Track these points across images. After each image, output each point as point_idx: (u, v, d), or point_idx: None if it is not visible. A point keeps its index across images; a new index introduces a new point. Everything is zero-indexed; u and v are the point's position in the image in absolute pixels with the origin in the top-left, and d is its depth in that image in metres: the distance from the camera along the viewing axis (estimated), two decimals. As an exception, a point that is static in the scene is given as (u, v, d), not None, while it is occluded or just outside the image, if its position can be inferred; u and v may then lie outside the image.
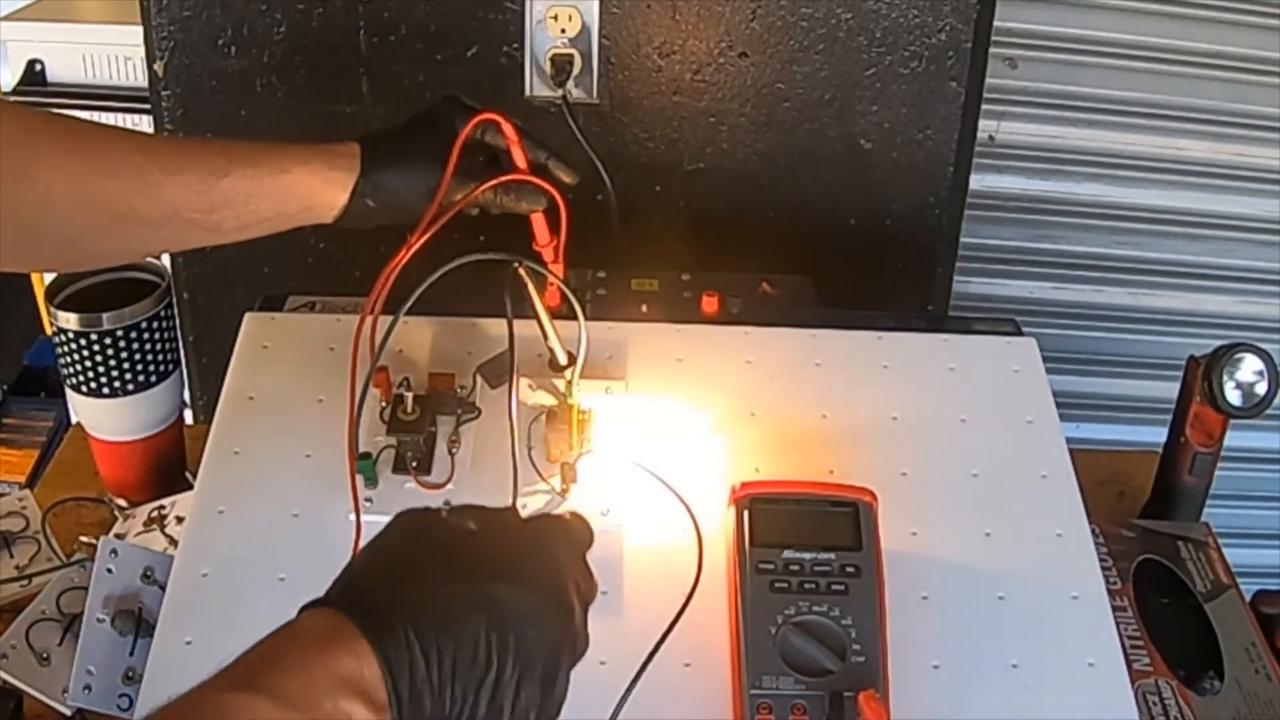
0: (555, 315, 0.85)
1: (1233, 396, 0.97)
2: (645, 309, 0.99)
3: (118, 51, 1.53)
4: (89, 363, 0.99)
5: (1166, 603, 0.95)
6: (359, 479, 0.82)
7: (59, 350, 1.00)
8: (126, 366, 1.00)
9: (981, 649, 0.78)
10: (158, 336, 1.01)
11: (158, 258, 1.06)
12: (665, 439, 0.88)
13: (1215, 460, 1.02)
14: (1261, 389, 0.97)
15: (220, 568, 0.81)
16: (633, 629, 0.76)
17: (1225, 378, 0.97)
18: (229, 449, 0.87)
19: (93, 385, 1.00)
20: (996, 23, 1.25)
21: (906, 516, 0.83)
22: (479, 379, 0.91)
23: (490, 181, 0.86)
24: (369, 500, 0.83)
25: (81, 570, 0.92)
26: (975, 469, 0.88)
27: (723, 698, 0.75)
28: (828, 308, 1.04)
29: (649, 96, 1.23)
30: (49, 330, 1.22)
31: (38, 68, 1.54)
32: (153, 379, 1.01)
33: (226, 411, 0.89)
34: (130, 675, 0.84)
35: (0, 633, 0.88)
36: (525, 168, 0.87)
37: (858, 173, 1.26)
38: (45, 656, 0.87)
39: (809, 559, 0.76)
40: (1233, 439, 1.03)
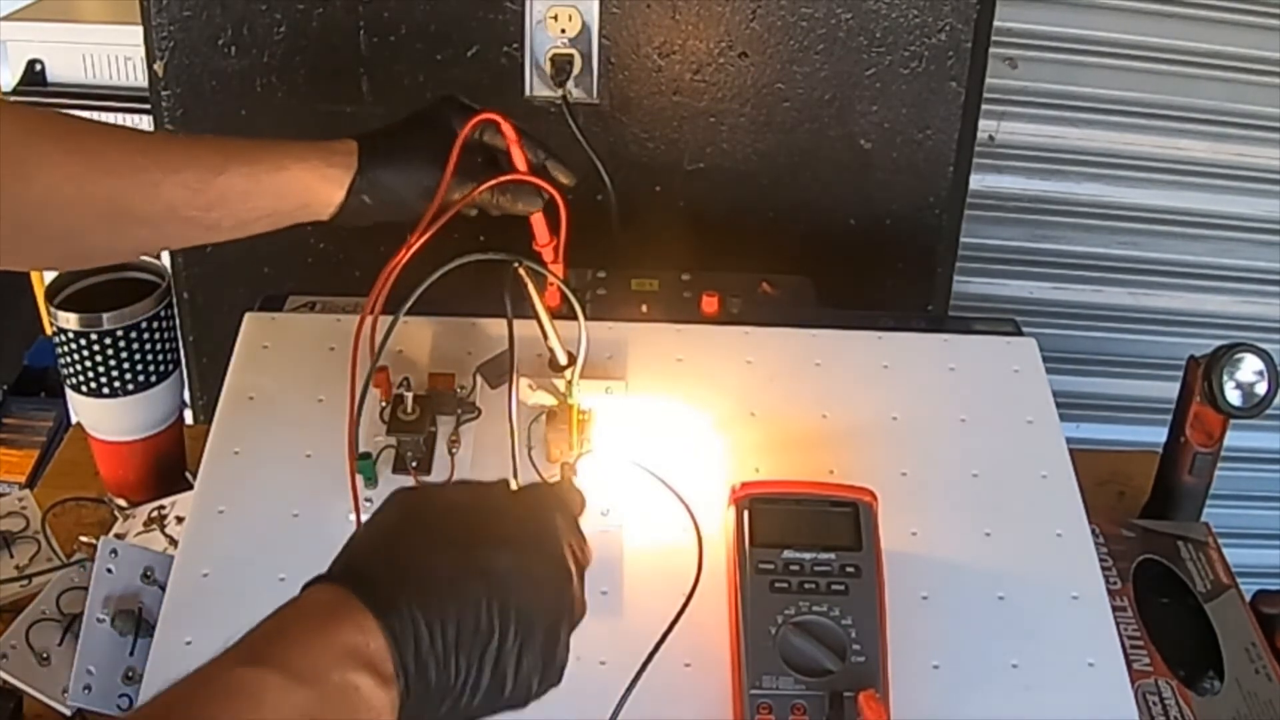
0: (555, 315, 0.85)
1: (1233, 396, 0.97)
2: (645, 309, 0.99)
3: (118, 51, 1.53)
4: (89, 363, 0.99)
5: (1166, 603, 0.95)
6: (359, 479, 0.82)
7: (59, 350, 1.00)
8: (126, 366, 1.00)
9: (981, 649, 0.78)
10: (158, 336, 1.01)
11: (157, 257, 1.06)
12: (665, 439, 0.88)
13: (1215, 460, 1.02)
14: (1261, 389, 0.97)
15: (220, 568, 0.81)
16: (633, 629, 0.76)
17: (1225, 378, 0.97)
18: (229, 449, 0.87)
19: (93, 385, 1.00)
20: (996, 23, 1.25)
21: (906, 516, 0.83)
22: (479, 379, 0.90)
23: (490, 181, 0.86)
24: (369, 500, 0.83)
25: (81, 570, 0.92)
26: (975, 469, 0.88)
27: (723, 698, 0.75)
28: (828, 308, 1.04)
29: (649, 96, 1.23)
30: (49, 330, 1.22)
31: (38, 68, 1.54)
32: (153, 379, 1.01)
33: (226, 411, 0.89)
34: (130, 675, 0.84)
35: (0, 633, 0.88)
36: (525, 169, 0.87)
37: (858, 173, 1.26)
38: (45, 656, 0.87)
39: (809, 559, 0.76)
40: (1233, 439, 1.03)
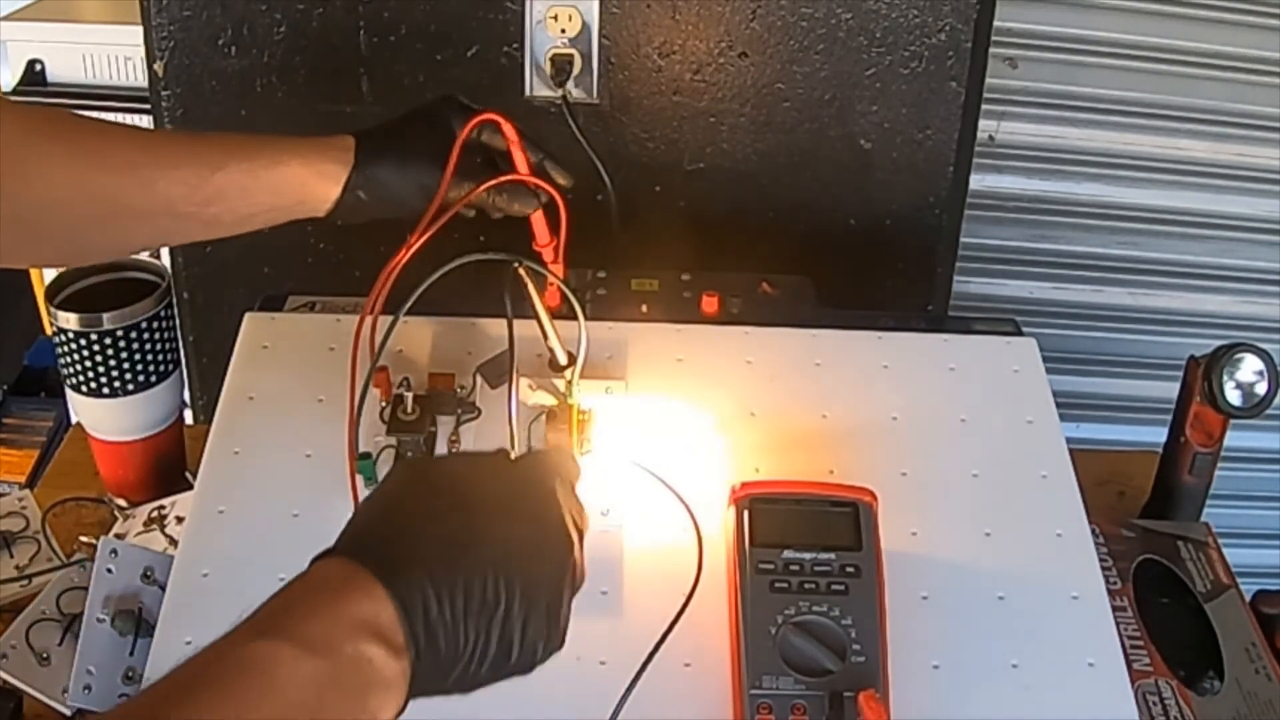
0: (555, 315, 0.85)
1: (1233, 396, 0.97)
2: (645, 309, 0.99)
3: (118, 51, 1.53)
4: (89, 363, 0.99)
5: (1166, 603, 0.95)
6: (359, 479, 0.82)
7: (59, 350, 1.00)
8: (126, 366, 1.00)
9: (981, 649, 0.78)
10: (158, 336, 1.01)
11: (157, 255, 1.06)
12: (665, 439, 0.88)
13: (1215, 460, 1.02)
14: (1261, 389, 0.97)
15: (220, 568, 0.81)
16: (633, 629, 0.76)
17: (1225, 378, 0.97)
18: (229, 449, 0.87)
19: (93, 385, 1.00)
20: (996, 23, 1.25)
21: (906, 516, 0.83)
22: (479, 379, 0.90)
23: (490, 182, 0.86)
24: (369, 500, 0.82)
25: (81, 570, 0.92)
26: (975, 469, 0.88)
27: (723, 698, 0.75)
28: (828, 308, 1.04)
29: (649, 96, 1.23)
30: (49, 330, 1.22)
31: (38, 68, 1.54)
32: (153, 379, 1.01)
33: (226, 411, 0.89)
34: (130, 675, 0.84)
35: (0, 633, 0.88)
36: (527, 170, 0.87)
37: (858, 173, 1.26)
38: (45, 656, 0.87)
39: (809, 559, 0.76)
40: (1233, 439, 1.02)
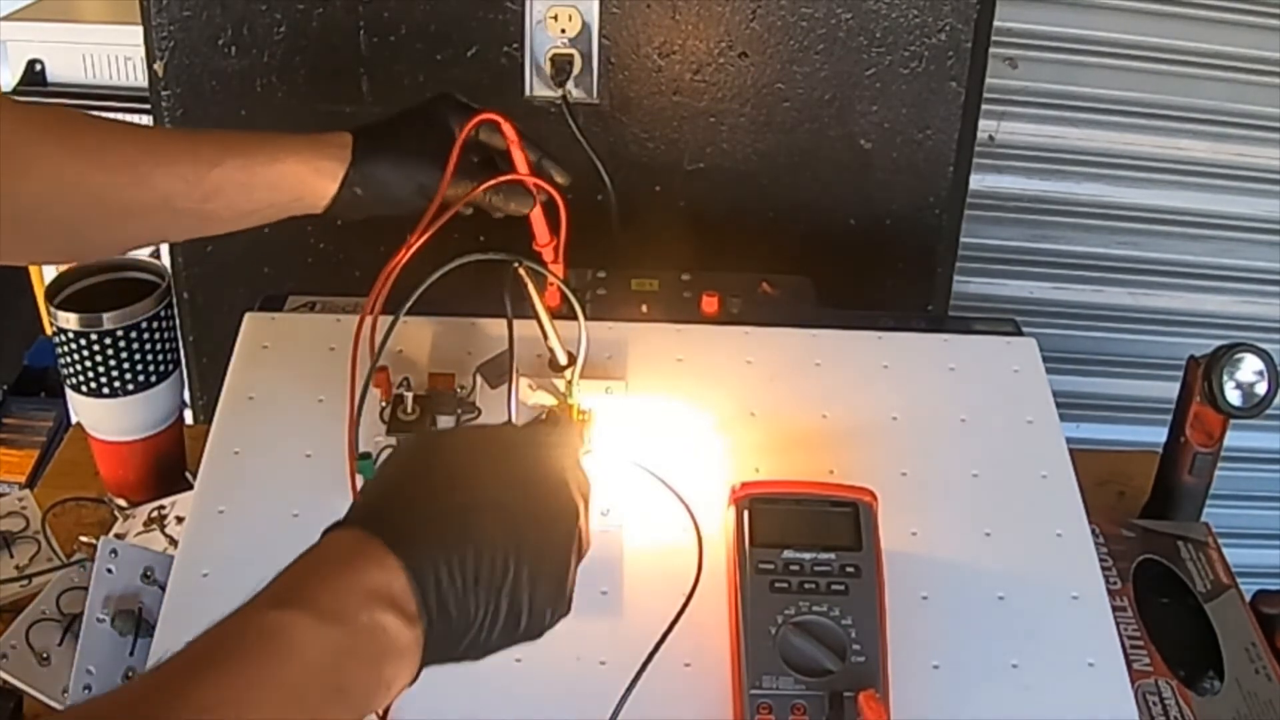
0: (555, 315, 0.85)
1: (1233, 396, 0.97)
2: (645, 309, 0.99)
3: (118, 51, 1.53)
4: (89, 363, 0.99)
5: (1166, 603, 0.95)
6: (359, 479, 0.82)
7: (59, 350, 1.00)
8: (126, 366, 1.00)
9: (981, 649, 0.78)
10: (158, 336, 1.01)
11: (156, 255, 1.06)
12: (665, 439, 0.88)
13: (1215, 460, 1.02)
14: (1261, 389, 0.97)
15: (220, 568, 0.81)
16: (633, 629, 0.76)
17: (1225, 378, 0.97)
18: (229, 449, 0.87)
19: (93, 385, 1.00)
20: (996, 23, 1.25)
21: (906, 516, 0.83)
22: (479, 379, 0.90)
23: (490, 182, 0.86)
24: (369, 500, 0.82)
25: (81, 570, 0.92)
26: (975, 469, 0.88)
27: (723, 698, 0.75)
28: (828, 308, 1.04)
29: (649, 96, 1.23)
30: (49, 330, 1.22)
31: (38, 68, 1.54)
32: (153, 379, 1.01)
33: (226, 411, 0.89)
34: (130, 675, 0.84)
35: (0, 633, 0.88)
36: (526, 170, 0.87)
37: (858, 173, 1.26)
38: (45, 656, 0.87)
39: (809, 559, 0.76)
40: (1233, 439, 1.02)
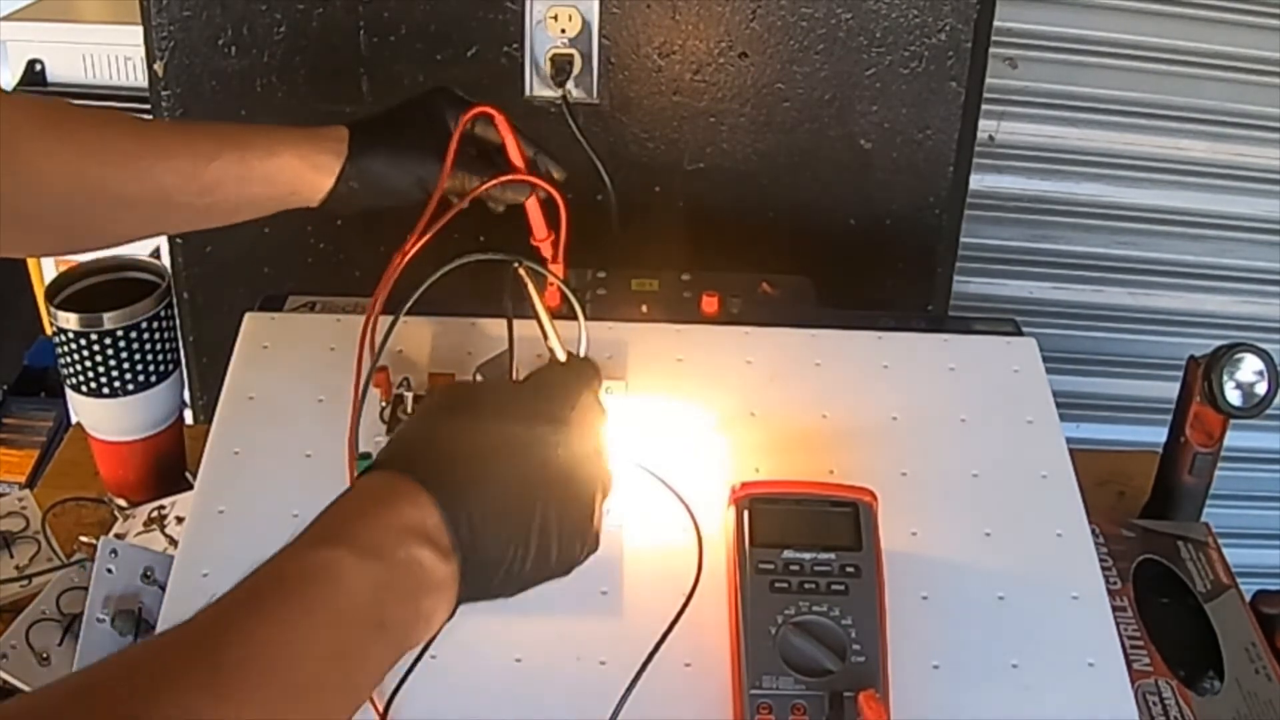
0: (555, 315, 0.85)
1: (1233, 396, 0.97)
2: (645, 309, 0.99)
3: (118, 51, 1.53)
4: (89, 363, 0.99)
5: (1166, 603, 0.95)
6: (359, 479, 0.82)
7: (59, 350, 1.00)
8: (126, 366, 1.00)
9: (981, 649, 0.78)
10: (158, 336, 1.01)
11: (157, 256, 1.06)
12: (665, 439, 0.88)
13: (1215, 460, 1.02)
14: (1261, 389, 0.97)
15: (220, 568, 0.81)
16: (633, 629, 0.76)
17: (1225, 378, 0.97)
18: (229, 449, 0.87)
19: (93, 385, 1.00)
20: (996, 23, 1.25)
21: (906, 516, 0.83)
22: (479, 379, 0.90)
23: (491, 181, 0.86)
24: (369, 500, 0.82)
25: (81, 570, 0.92)
26: (975, 469, 0.88)
27: (723, 698, 0.75)
28: (828, 308, 1.04)
29: (649, 96, 1.23)
30: (49, 330, 1.22)
31: (38, 68, 1.54)
32: (153, 379, 1.01)
33: (226, 411, 0.89)
34: (130, 675, 0.84)
35: (0, 633, 0.88)
36: (522, 163, 0.88)
37: (858, 173, 1.26)
38: (45, 656, 0.87)
39: (809, 559, 0.76)
40: (1233, 439, 1.02)
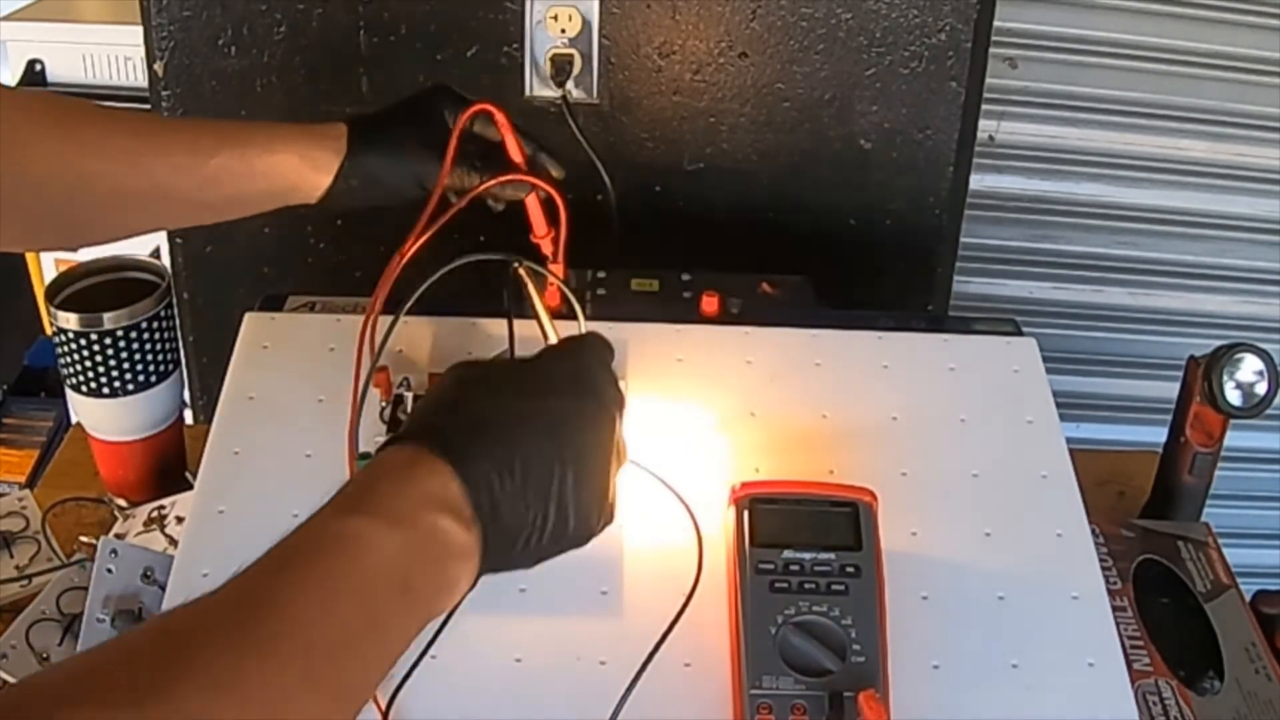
0: (555, 315, 0.85)
1: (1233, 396, 0.97)
2: (645, 309, 0.99)
3: (118, 51, 1.54)
4: (89, 363, 0.99)
5: (1166, 603, 0.95)
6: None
7: (59, 350, 1.00)
8: (126, 366, 1.00)
9: (981, 649, 0.78)
10: (158, 336, 1.01)
11: (157, 256, 1.06)
12: (665, 439, 0.88)
13: (1215, 460, 1.02)
14: (1261, 389, 0.97)
15: (220, 568, 0.80)
16: (633, 629, 0.76)
17: (1225, 378, 0.97)
18: (229, 449, 0.87)
19: (93, 385, 1.00)
20: (996, 23, 1.25)
21: (906, 516, 0.83)
22: (479, 379, 0.90)
23: (491, 181, 0.86)
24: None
25: (81, 570, 0.92)
26: (975, 469, 0.88)
27: (723, 698, 0.75)
28: (828, 308, 1.04)
29: (649, 96, 1.23)
30: (49, 330, 1.22)
31: (38, 68, 1.54)
32: (153, 379, 1.01)
33: (226, 411, 0.89)
34: (130, 675, 0.84)
35: (0, 633, 0.88)
36: (521, 158, 0.88)
37: (858, 173, 1.26)
38: (45, 656, 0.87)
39: (809, 559, 0.76)
40: (1233, 439, 1.02)
